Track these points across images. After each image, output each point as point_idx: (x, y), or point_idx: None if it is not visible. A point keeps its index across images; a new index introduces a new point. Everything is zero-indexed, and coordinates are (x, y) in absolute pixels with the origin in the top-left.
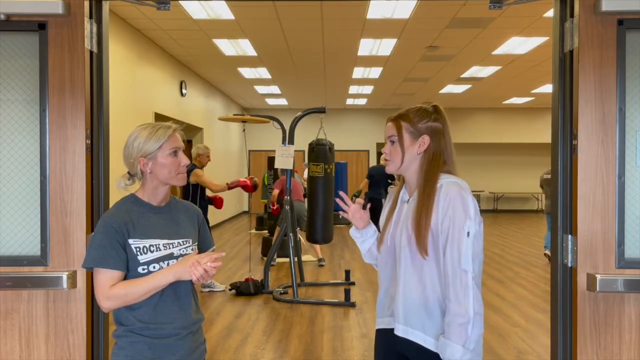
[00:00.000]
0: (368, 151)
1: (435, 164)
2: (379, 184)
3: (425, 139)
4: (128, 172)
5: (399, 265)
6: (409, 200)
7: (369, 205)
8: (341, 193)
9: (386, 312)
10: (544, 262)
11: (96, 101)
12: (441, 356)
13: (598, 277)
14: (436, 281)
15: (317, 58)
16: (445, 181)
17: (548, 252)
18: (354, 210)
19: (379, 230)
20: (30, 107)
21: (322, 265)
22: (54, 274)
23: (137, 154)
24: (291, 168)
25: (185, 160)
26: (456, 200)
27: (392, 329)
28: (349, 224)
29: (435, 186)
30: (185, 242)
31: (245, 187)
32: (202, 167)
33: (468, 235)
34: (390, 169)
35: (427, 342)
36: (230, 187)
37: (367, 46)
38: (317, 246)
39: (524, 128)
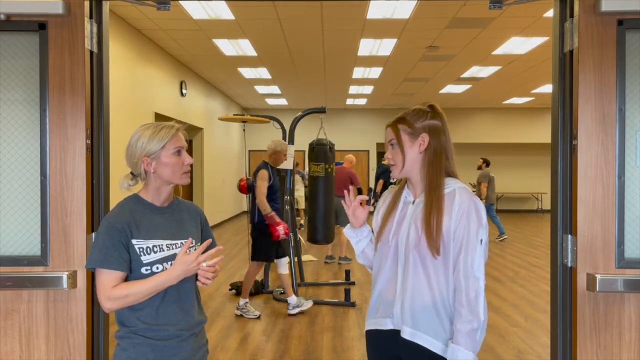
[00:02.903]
0: (368, 151)
1: (438, 161)
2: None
3: (425, 138)
4: (131, 173)
5: (406, 267)
6: (414, 201)
7: (372, 202)
8: (350, 187)
9: (380, 313)
10: (544, 262)
11: (96, 101)
12: None
13: (598, 277)
14: (442, 284)
15: (317, 58)
16: (456, 186)
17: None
18: (354, 207)
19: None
20: (30, 107)
21: (340, 264)
22: (54, 274)
23: (141, 154)
24: (291, 168)
25: (188, 159)
26: (470, 208)
27: (387, 330)
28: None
29: (443, 188)
30: (192, 244)
31: (274, 231)
32: (276, 166)
33: (481, 242)
34: (394, 174)
35: (435, 345)
36: (266, 217)
37: (367, 46)
38: (344, 245)
39: (524, 128)
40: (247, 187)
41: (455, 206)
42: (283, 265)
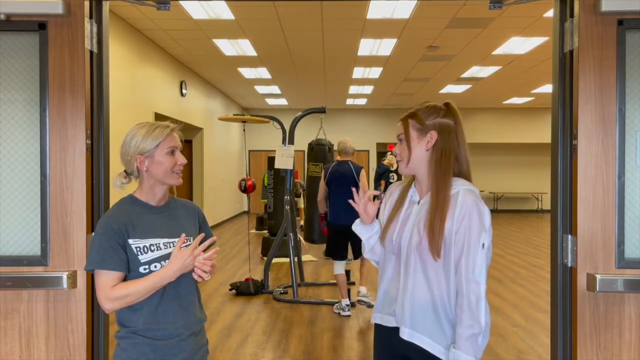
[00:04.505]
0: (368, 151)
1: (446, 161)
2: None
3: (433, 135)
4: (124, 171)
5: (407, 268)
6: (419, 201)
7: (382, 195)
8: (353, 189)
9: (385, 310)
10: (544, 262)
11: (96, 101)
12: None
13: (598, 277)
14: (443, 285)
15: (317, 58)
16: (461, 188)
17: None
18: (364, 202)
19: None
20: (30, 107)
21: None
22: (54, 274)
23: (134, 152)
24: (291, 168)
25: (182, 160)
26: (473, 210)
27: (392, 328)
28: None
29: (449, 191)
30: (186, 240)
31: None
32: None
33: (483, 247)
34: (401, 169)
35: (435, 348)
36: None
37: (367, 46)
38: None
39: (524, 128)
40: (254, 187)
41: (458, 207)
42: (342, 266)
